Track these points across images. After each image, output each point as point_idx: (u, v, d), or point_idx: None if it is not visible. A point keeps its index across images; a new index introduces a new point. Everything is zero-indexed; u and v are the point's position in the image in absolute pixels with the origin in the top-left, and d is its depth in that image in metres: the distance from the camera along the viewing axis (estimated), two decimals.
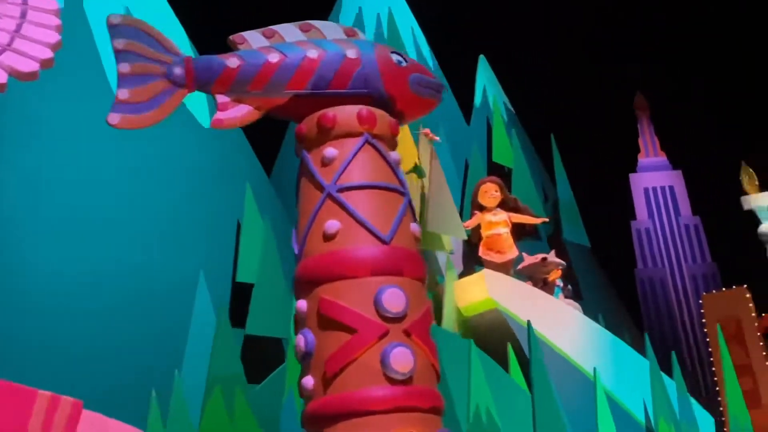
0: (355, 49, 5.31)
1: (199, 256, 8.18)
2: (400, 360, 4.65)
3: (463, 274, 9.92)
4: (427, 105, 5.57)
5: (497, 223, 10.11)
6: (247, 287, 8.24)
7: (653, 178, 17.74)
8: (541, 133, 14.37)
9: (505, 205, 10.33)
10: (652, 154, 18.07)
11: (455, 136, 12.81)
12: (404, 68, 5.40)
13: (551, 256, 10.05)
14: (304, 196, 5.14)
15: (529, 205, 12.00)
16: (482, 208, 10.28)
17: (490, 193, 10.27)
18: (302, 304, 4.91)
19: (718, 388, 11.68)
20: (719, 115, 18.39)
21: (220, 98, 5.18)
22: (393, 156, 5.25)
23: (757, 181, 12.58)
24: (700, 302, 13.28)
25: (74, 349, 7.35)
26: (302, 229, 5.07)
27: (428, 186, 9.55)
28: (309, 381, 4.77)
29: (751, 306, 12.40)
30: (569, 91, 18.14)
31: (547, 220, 11.00)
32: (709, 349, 12.68)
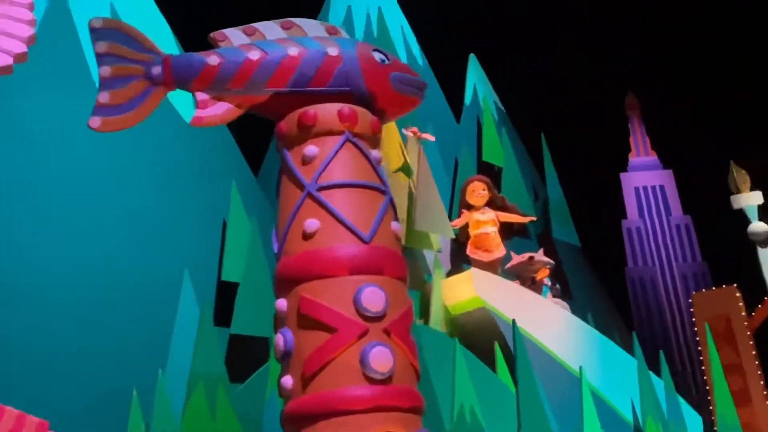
0: (337, 47, 5.28)
1: (184, 255, 8.14)
2: (379, 359, 4.63)
3: (451, 273, 9.91)
4: (409, 103, 5.55)
5: (485, 222, 10.09)
6: (233, 286, 8.21)
7: (644, 177, 17.73)
8: (531, 132, 14.36)
9: (493, 203, 10.31)
10: (642, 154, 18.08)
11: (445, 135, 12.75)
12: (386, 66, 5.37)
13: (539, 255, 10.04)
14: (285, 194, 5.12)
15: (519, 204, 11.98)
16: (470, 207, 10.26)
17: (478, 192, 10.25)
18: (282, 303, 4.90)
19: (708, 387, 11.68)
20: (710, 114, 18.41)
21: (200, 96, 5.16)
22: (374, 154, 5.22)
23: (747, 180, 12.56)
24: (690, 301, 13.27)
25: (57, 348, 7.30)
26: (282, 227, 5.05)
27: (416, 185, 9.53)
28: (288, 380, 4.75)
29: (741, 305, 12.39)
30: (560, 90, 18.13)
31: (534, 218, 10.99)
32: (699, 348, 12.67)
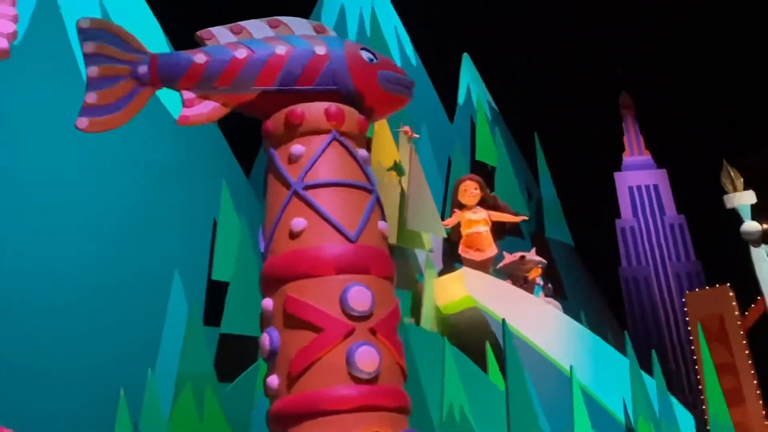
0: (324, 46, 5.26)
1: (174, 254, 8.11)
2: (365, 359, 4.61)
3: (442, 272, 9.90)
4: (397, 102, 5.54)
5: (477, 221, 10.09)
6: (223, 285, 8.19)
7: (638, 176, 17.76)
8: (525, 132, 14.34)
9: (485, 203, 10.30)
10: (636, 153, 18.10)
11: (438, 134, 12.75)
12: (374, 65, 5.36)
13: (530, 255, 10.04)
14: (271, 193, 5.10)
15: (513, 204, 11.96)
16: (462, 206, 10.26)
17: (470, 191, 10.25)
18: (268, 303, 4.88)
19: (701, 387, 11.69)
20: (704, 114, 18.40)
21: (187, 95, 5.14)
22: (361, 153, 5.21)
23: (740, 179, 12.55)
24: (684, 301, 13.28)
25: (45, 348, 7.27)
26: (269, 226, 5.03)
27: (408, 184, 9.53)
28: (274, 380, 4.74)
29: (735, 304, 12.40)
30: (554, 90, 18.13)
31: (526, 218, 10.99)
32: (693, 347, 12.68)
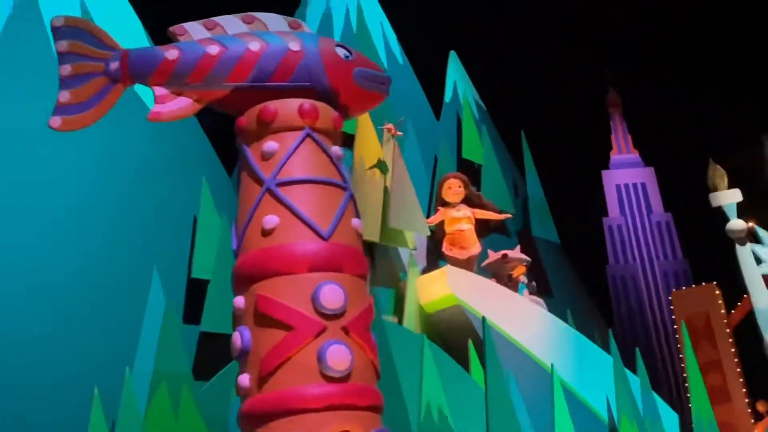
0: (299, 42, 5.22)
1: (153, 252, 8.07)
2: (336, 357, 4.57)
3: (426, 271, 9.85)
4: (373, 98, 5.49)
5: (460, 219, 10.02)
6: (203, 283, 8.15)
7: (625, 175, 17.79)
8: (512, 130, 14.33)
9: (469, 201, 10.24)
10: (624, 152, 18.14)
11: (425, 132, 12.71)
12: (349, 62, 5.32)
13: (514, 253, 9.99)
14: (244, 190, 5.05)
15: (499, 202, 11.93)
16: (446, 204, 10.19)
17: (454, 189, 10.18)
18: (239, 301, 4.83)
19: (686, 385, 11.69)
20: (691, 113, 18.44)
21: (159, 91, 5.09)
22: (335, 150, 5.16)
23: (726, 178, 12.55)
24: (670, 299, 13.30)
25: (22, 346, 7.23)
26: (241, 224, 4.98)
27: (391, 182, 9.48)
28: (245, 379, 4.70)
29: (721, 303, 12.42)
30: (541, 88, 18.15)
31: (510, 215, 10.92)
32: (679, 345, 12.69)
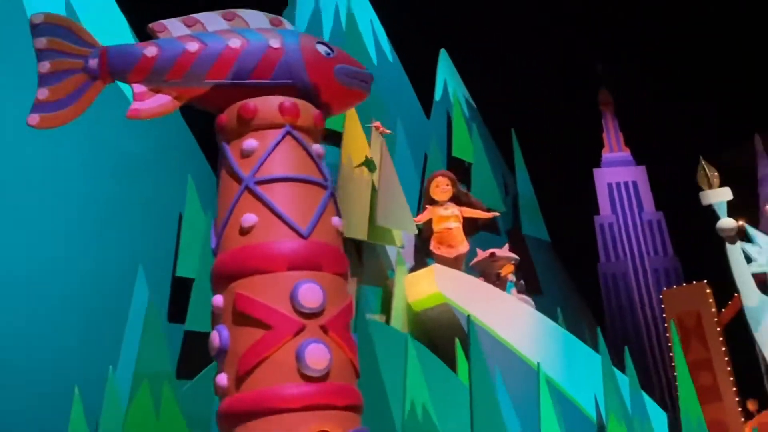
0: (279, 39, 5.18)
1: (138, 250, 8.03)
2: (315, 357, 4.54)
3: (414, 269, 9.83)
4: (355, 96, 5.45)
5: (448, 218, 10.02)
6: (188, 282, 8.11)
7: (617, 173, 17.79)
8: (502, 128, 14.31)
9: (457, 199, 10.23)
10: (616, 150, 18.14)
11: (414, 130, 12.68)
12: (330, 59, 5.27)
13: (502, 251, 9.98)
14: (223, 188, 5.02)
15: (489, 200, 11.92)
16: (434, 202, 10.18)
17: (442, 187, 10.17)
18: (218, 300, 4.80)
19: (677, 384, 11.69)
20: (683, 112, 18.44)
21: (137, 88, 5.05)
22: (316, 148, 5.13)
23: (716, 176, 12.54)
24: (661, 297, 13.29)
25: (5, 345, 7.19)
26: (220, 222, 4.95)
27: (379, 180, 9.46)
28: (223, 378, 4.66)
29: (711, 301, 12.42)
30: (533, 86, 18.11)
31: (498, 214, 10.91)
32: (670, 344, 12.69)
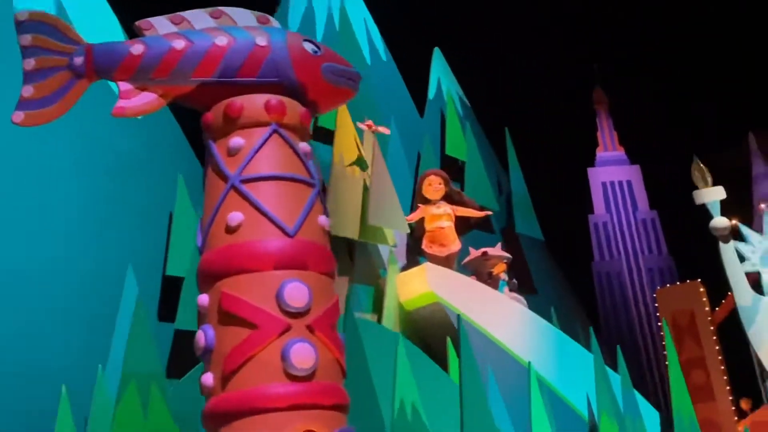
0: (266, 37, 5.16)
1: (128, 249, 8.01)
2: (301, 356, 4.52)
3: (406, 268, 9.80)
4: (342, 94, 5.43)
5: (440, 216, 9.98)
6: (178, 281, 8.09)
7: (611, 172, 17.78)
8: (496, 127, 14.31)
9: (450, 198, 10.19)
10: (610, 149, 18.13)
11: (408, 129, 12.69)
12: (317, 57, 5.25)
13: (494, 250, 9.96)
14: (209, 187, 5.00)
15: (482, 199, 11.90)
16: (426, 201, 10.15)
17: (434, 186, 10.14)
18: (204, 299, 4.78)
19: None
20: (677, 111, 18.44)
21: (123, 86, 5.03)
22: (303, 147, 5.11)
23: (709, 175, 12.54)
24: (655, 296, 13.28)
25: None
26: (206, 221, 4.93)
27: (371, 178, 9.44)
28: (208, 378, 4.64)
29: (705, 300, 12.39)
30: (527, 85, 18.10)
31: (491, 212, 10.87)
32: (663, 342, 12.68)
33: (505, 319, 9.37)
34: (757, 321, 11.80)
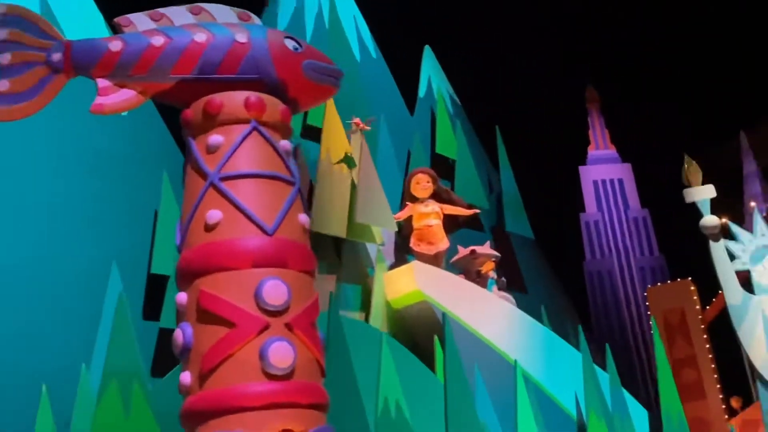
0: (246, 33, 5.13)
1: (112, 247, 7.95)
2: (279, 355, 4.50)
3: (394, 266, 9.77)
4: (323, 91, 5.41)
5: (429, 215, 9.93)
6: (163, 279, 8.05)
7: (603, 170, 17.78)
8: (487, 125, 14.26)
9: (438, 196, 10.15)
10: (602, 147, 18.11)
11: (398, 127, 12.62)
12: (298, 54, 5.23)
13: (482, 248, 9.92)
14: (188, 184, 4.98)
15: (473, 197, 11.86)
16: (414, 199, 10.11)
17: (422, 184, 10.09)
18: (182, 297, 4.76)
19: None
20: (669, 109, 18.42)
21: (102, 83, 5.01)
22: (283, 144, 5.08)
23: (700, 173, 12.53)
24: (646, 294, 13.28)
25: None
26: (185, 219, 4.91)
27: (358, 176, 9.41)
28: (186, 377, 4.63)
29: (696, 299, 12.40)
30: (518, 83, 18.07)
31: (479, 211, 10.82)
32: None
33: (493, 318, 9.34)
34: (747, 319, 11.80)
